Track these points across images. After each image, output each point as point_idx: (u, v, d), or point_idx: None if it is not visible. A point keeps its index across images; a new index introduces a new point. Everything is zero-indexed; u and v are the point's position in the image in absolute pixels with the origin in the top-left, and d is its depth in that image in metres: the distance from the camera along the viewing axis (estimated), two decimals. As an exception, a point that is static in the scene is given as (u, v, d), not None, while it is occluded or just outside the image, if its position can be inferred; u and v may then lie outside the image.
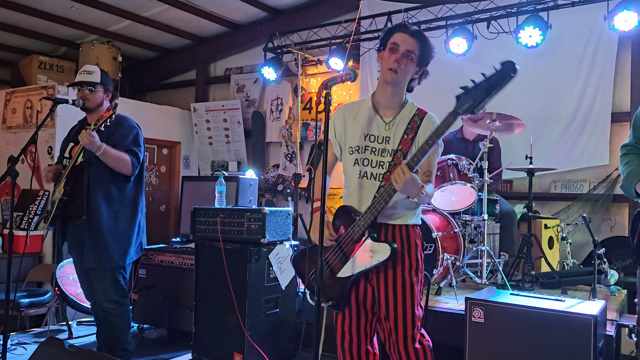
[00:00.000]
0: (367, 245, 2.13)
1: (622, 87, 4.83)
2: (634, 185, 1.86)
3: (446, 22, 5.02)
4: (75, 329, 4.38)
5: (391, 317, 2.18)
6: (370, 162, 2.25)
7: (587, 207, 4.87)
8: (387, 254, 2.09)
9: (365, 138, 2.27)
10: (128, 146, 3.14)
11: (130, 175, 3.16)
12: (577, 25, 4.86)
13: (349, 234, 2.19)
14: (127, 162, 3.10)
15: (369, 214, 2.13)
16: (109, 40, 6.84)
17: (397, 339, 2.18)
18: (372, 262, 2.13)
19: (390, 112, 2.28)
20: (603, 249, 3.57)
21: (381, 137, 2.25)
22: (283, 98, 6.71)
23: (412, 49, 2.19)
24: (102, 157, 3.02)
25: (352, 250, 2.17)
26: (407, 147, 2.18)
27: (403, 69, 2.19)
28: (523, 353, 2.56)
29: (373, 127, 2.27)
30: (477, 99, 1.82)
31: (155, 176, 7.04)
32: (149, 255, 4.29)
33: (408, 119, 2.24)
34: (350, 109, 2.37)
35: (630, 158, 1.94)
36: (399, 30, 2.23)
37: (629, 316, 3.31)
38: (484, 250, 3.77)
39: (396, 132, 2.24)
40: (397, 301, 2.17)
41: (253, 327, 3.33)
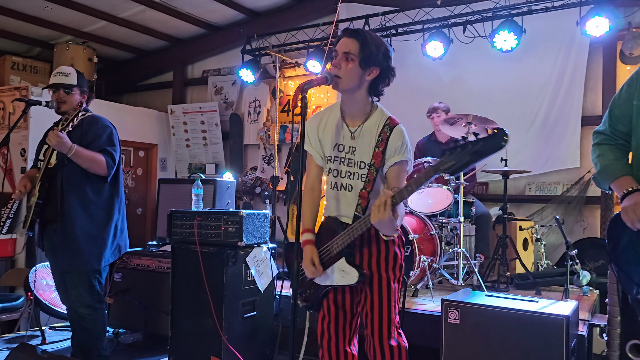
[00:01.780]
0: (341, 264, 2.13)
1: (593, 92, 4.94)
2: (609, 184, 1.88)
3: (423, 26, 5.07)
4: (49, 334, 4.29)
5: (369, 315, 2.19)
6: (340, 173, 2.21)
7: (560, 209, 4.97)
8: (355, 280, 2.09)
9: (334, 148, 2.22)
10: (102, 146, 3.08)
11: (106, 175, 3.10)
12: (551, 31, 4.97)
13: (329, 247, 2.18)
14: (101, 163, 3.03)
15: (346, 236, 2.10)
16: (84, 41, 6.74)
17: (373, 336, 2.19)
18: (341, 282, 2.14)
19: (356, 120, 2.19)
20: (576, 250, 3.64)
21: (348, 147, 2.19)
22: (261, 100, 6.70)
23: (349, 49, 2.07)
24: (74, 158, 2.96)
25: (329, 263, 2.17)
26: (379, 161, 2.12)
27: (344, 72, 2.08)
28: (498, 353, 2.59)
29: (341, 137, 2.21)
30: (460, 161, 1.74)
31: (132, 179, 6.95)
32: (125, 258, 4.23)
33: (377, 130, 2.15)
34: (320, 118, 2.29)
35: (604, 150, 1.93)
36: (341, 37, 2.14)
37: (601, 316, 3.37)
38: (460, 252, 3.82)
39: (363, 142, 2.16)
40: (373, 299, 2.18)
41: (230, 331, 3.30)
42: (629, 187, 1.77)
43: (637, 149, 1.81)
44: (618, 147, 1.91)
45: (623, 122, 1.87)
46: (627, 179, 1.81)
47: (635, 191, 1.74)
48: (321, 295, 2.23)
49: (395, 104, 5.55)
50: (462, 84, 5.41)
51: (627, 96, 1.85)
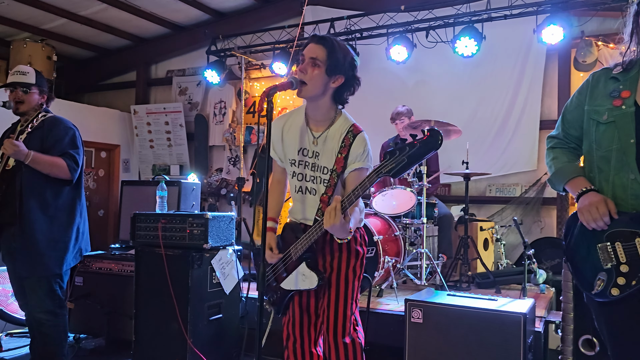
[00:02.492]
0: (302, 268, 2.17)
1: (550, 97, 5.13)
2: (563, 185, 1.97)
3: (387, 30, 5.16)
4: (5, 341, 4.16)
5: (325, 311, 2.23)
6: (304, 177, 2.24)
7: (519, 209, 5.13)
8: (315, 284, 2.14)
9: (299, 152, 2.25)
10: (64, 149, 3.01)
11: (70, 179, 3.03)
12: (509, 37, 5.13)
13: (290, 252, 2.21)
14: (62, 167, 2.97)
15: (304, 241, 2.14)
16: (42, 38, 6.55)
17: (328, 332, 2.22)
18: (302, 286, 2.18)
19: (320, 126, 2.22)
20: (533, 250, 3.77)
21: (311, 152, 2.22)
22: (226, 101, 6.67)
23: (316, 55, 2.09)
24: (31, 164, 2.90)
25: (292, 268, 2.21)
26: (340, 167, 2.14)
27: (310, 78, 2.09)
28: (459, 350, 2.67)
29: (305, 141, 2.23)
30: (400, 163, 1.86)
31: (93, 180, 6.81)
32: (86, 262, 4.14)
33: (340, 136, 2.17)
34: (285, 120, 2.31)
35: (557, 153, 2.02)
36: (308, 42, 2.15)
37: (556, 313, 3.50)
38: (423, 253, 3.90)
39: (325, 149, 2.19)
40: (330, 296, 2.21)
41: (195, 334, 3.28)
42: (582, 187, 1.85)
43: (588, 152, 1.91)
44: (570, 151, 2.01)
45: (575, 126, 1.96)
46: (580, 179, 1.90)
47: (589, 191, 1.83)
48: (287, 299, 2.26)
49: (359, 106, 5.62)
50: (425, 87, 5.53)
51: (577, 102, 1.95)
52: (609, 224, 1.75)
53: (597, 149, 1.85)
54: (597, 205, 1.76)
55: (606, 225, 1.76)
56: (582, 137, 1.95)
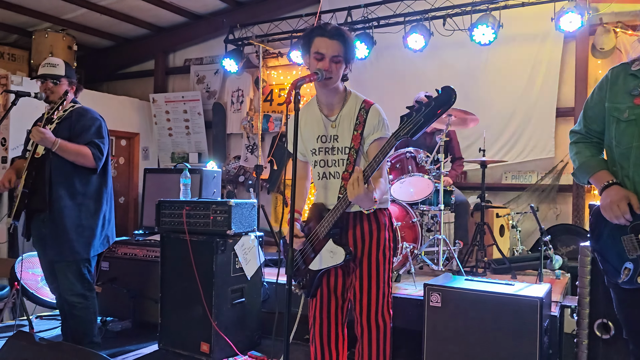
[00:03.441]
0: (329, 246, 2.24)
1: (567, 84, 5.12)
2: (587, 179, 2.04)
3: (404, 19, 5.17)
4: (36, 323, 4.32)
5: (357, 294, 2.32)
6: (327, 163, 2.34)
7: (535, 196, 5.17)
8: (342, 258, 2.21)
9: (317, 140, 2.35)
10: (90, 138, 3.11)
11: (95, 167, 3.14)
12: (527, 25, 5.12)
13: (317, 231, 2.29)
14: (87, 156, 3.07)
15: (330, 217, 2.22)
16: (63, 28, 6.66)
17: (361, 313, 2.31)
18: (330, 263, 2.25)
19: (334, 110, 2.32)
20: (549, 236, 3.82)
21: (330, 137, 2.32)
22: (244, 90, 6.74)
23: (338, 53, 2.19)
24: (58, 152, 2.99)
25: (319, 247, 2.29)
26: (357, 143, 2.24)
27: (335, 74, 2.21)
28: (477, 333, 2.74)
29: (322, 128, 2.34)
30: (417, 123, 1.94)
31: (114, 168, 6.95)
32: (112, 248, 4.27)
33: (354, 114, 2.28)
34: (301, 116, 2.39)
35: (581, 148, 2.09)
36: (319, 35, 2.21)
37: (572, 297, 3.56)
38: (440, 239, 3.96)
39: (343, 129, 2.29)
40: (363, 278, 2.30)
41: (220, 317, 3.40)
42: (606, 180, 1.93)
43: (609, 147, 1.97)
44: (594, 145, 2.07)
45: (597, 122, 2.02)
46: (603, 173, 1.96)
47: (612, 185, 1.90)
48: (316, 281, 2.34)
49: (377, 95, 5.68)
50: (442, 75, 5.53)
51: (598, 99, 2.00)
52: (633, 217, 1.84)
53: (617, 146, 1.91)
54: (619, 203, 1.84)
55: (628, 222, 1.84)
56: (604, 131, 2.01)
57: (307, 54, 2.25)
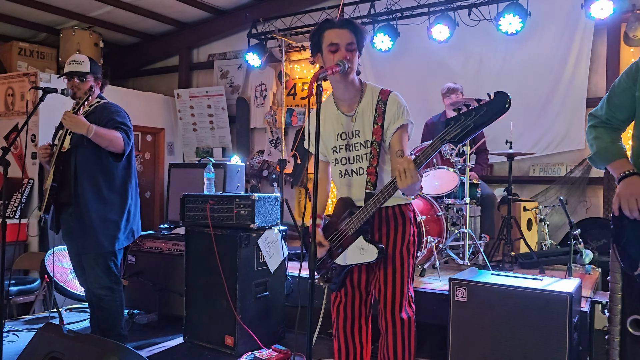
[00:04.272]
0: (359, 243, 2.21)
1: (597, 73, 4.98)
2: (605, 165, 1.98)
3: (428, 9, 5.09)
4: (65, 315, 4.42)
5: (382, 289, 2.29)
6: (348, 160, 2.32)
7: (564, 189, 5.04)
8: (374, 256, 2.18)
9: (338, 137, 2.32)
10: (116, 124, 3.15)
11: (123, 153, 3.16)
12: (556, 13, 4.99)
13: (346, 228, 2.27)
14: (119, 139, 3.10)
15: (362, 214, 2.20)
16: (90, 25, 6.77)
17: (385, 308, 2.29)
18: (361, 259, 2.23)
19: (352, 104, 2.29)
20: (579, 230, 3.73)
21: (351, 133, 2.29)
22: (267, 84, 6.74)
23: (350, 40, 2.17)
24: (93, 138, 3.02)
25: (347, 244, 2.26)
26: (379, 136, 2.21)
27: (352, 62, 2.18)
28: (503, 329, 2.69)
29: (341, 125, 2.31)
30: (465, 128, 1.83)
31: (140, 163, 7.04)
32: (138, 242, 4.33)
33: (373, 106, 2.24)
34: (329, 111, 2.37)
35: (600, 133, 2.02)
36: (328, 28, 2.20)
37: (603, 293, 3.47)
38: (465, 233, 3.91)
39: (364, 122, 2.26)
40: (387, 272, 2.28)
41: (243, 310, 3.42)
42: (624, 170, 1.86)
43: (637, 137, 1.89)
44: (614, 130, 2.00)
45: (621, 110, 1.95)
46: (622, 161, 1.90)
47: (631, 175, 1.83)
48: (343, 276, 2.33)
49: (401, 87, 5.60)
50: (468, 66, 5.45)
51: (625, 86, 1.93)
52: None
53: None
54: (637, 197, 1.77)
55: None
56: (629, 120, 1.94)
57: (320, 51, 2.23)
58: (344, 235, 2.28)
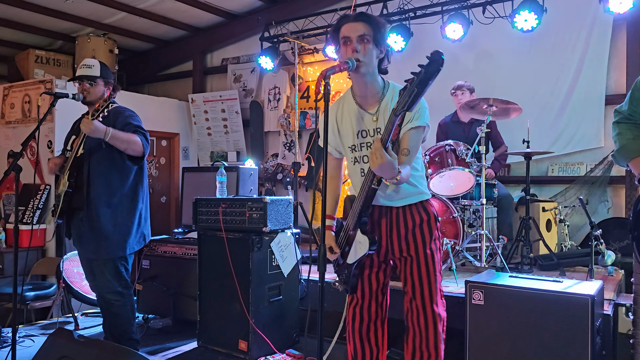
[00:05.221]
0: (358, 236, 2.21)
1: (617, 69, 4.85)
2: (626, 162, 1.92)
3: (442, 8, 5.02)
4: (81, 320, 4.44)
5: (415, 284, 2.28)
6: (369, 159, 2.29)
7: (584, 189, 4.92)
8: (367, 247, 2.16)
9: (357, 135, 2.28)
10: (133, 128, 3.14)
11: (142, 155, 3.16)
12: (572, 9, 4.88)
13: (348, 225, 2.26)
14: (137, 142, 3.09)
15: (357, 204, 2.18)
16: (104, 32, 6.83)
17: (423, 302, 2.27)
18: (360, 253, 2.21)
19: (373, 102, 2.25)
20: (600, 231, 3.62)
21: (372, 130, 2.25)
22: (280, 87, 6.73)
23: (363, 32, 2.14)
24: (111, 141, 3.01)
25: (352, 239, 2.26)
26: (396, 134, 2.16)
27: (364, 54, 2.14)
28: (522, 333, 2.61)
29: (362, 123, 2.26)
30: (412, 94, 1.84)
31: (155, 168, 7.07)
32: (152, 246, 4.33)
33: (393, 105, 2.21)
34: (335, 111, 2.35)
35: (623, 129, 1.97)
36: (343, 23, 2.19)
37: (627, 295, 3.37)
38: (482, 234, 3.82)
39: (385, 121, 2.18)
40: (420, 270, 2.27)
41: (257, 315, 3.38)
42: None
43: None
44: (637, 126, 1.93)
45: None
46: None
47: None
48: (357, 275, 2.32)
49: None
50: (482, 65, 5.36)
51: None
52: None
53: None
54: None
55: None
56: None
57: (338, 45, 2.21)
58: (347, 232, 2.27)
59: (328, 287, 3.64)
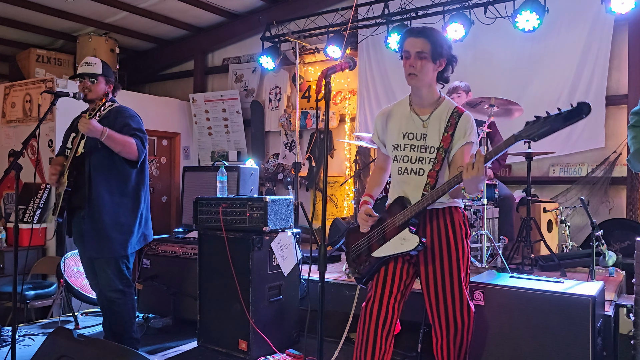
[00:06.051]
0: (403, 234, 2.27)
1: (618, 70, 4.85)
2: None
3: (443, 8, 5.02)
4: (81, 319, 4.43)
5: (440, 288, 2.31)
6: (410, 159, 2.38)
7: (585, 190, 4.91)
8: (414, 245, 2.23)
9: (403, 136, 2.39)
10: (131, 131, 3.13)
11: (137, 160, 3.14)
12: (574, 9, 4.88)
13: (394, 220, 2.32)
14: (132, 145, 3.08)
15: (415, 206, 2.26)
16: (106, 32, 6.83)
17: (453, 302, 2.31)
18: (400, 249, 2.27)
19: (426, 109, 2.38)
20: (601, 231, 3.61)
21: (419, 135, 2.36)
22: (281, 87, 6.72)
23: (421, 48, 2.27)
24: (107, 142, 3.01)
25: (391, 235, 2.32)
26: (447, 144, 2.29)
27: (420, 70, 2.27)
28: (523, 334, 2.61)
29: (410, 125, 2.38)
30: (542, 128, 1.89)
31: (156, 167, 7.07)
32: (152, 245, 4.32)
33: (446, 116, 2.32)
34: (389, 111, 2.49)
35: (637, 132, 1.96)
36: (407, 37, 2.32)
37: (627, 296, 3.36)
38: (483, 235, 3.81)
39: (433, 128, 2.33)
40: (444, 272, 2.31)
41: (257, 314, 3.37)
42: None
43: None
44: None
45: None
46: None
47: None
48: (375, 269, 2.36)
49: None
50: (484, 65, 5.35)
51: None
52: None
53: None
54: None
55: None
56: None
57: (401, 57, 2.35)
58: (391, 226, 2.33)
59: (328, 287, 3.64)
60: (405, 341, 3.30)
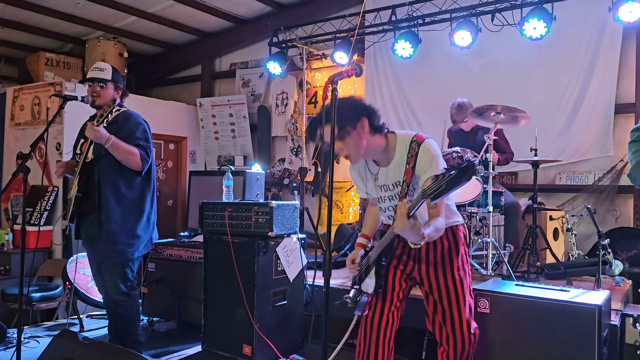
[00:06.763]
0: (371, 273, 2.30)
1: (627, 79, 4.84)
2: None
3: (450, 15, 5.02)
4: (87, 322, 4.44)
5: (446, 310, 2.31)
6: (382, 199, 2.39)
7: (592, 198, 4.89)
8: (372, 289, 2.28)
9: (380, 189, 2.37)
10: (136, 141, 3.16)
11: (141, 169, 3.17)
12: (582, 17, 4.87)
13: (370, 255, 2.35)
14: (136, 156, 3.11)
15: (377, 247, 2.27)
16: (114, 36, 6.88)
17: (453, 325, 2.31)
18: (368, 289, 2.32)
19: (387, 160, 2.32)
20: (608, 240, 3.59)
21: (391, 184, 2.32)
22: (288, 92, 6.74)
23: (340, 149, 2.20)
24: (111, 149, 3.05)
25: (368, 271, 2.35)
26: (409, 176, 2.21)
27: (354, 156, 2.24)
28: (528, 342, 2.59)
29: (382, 178, 2.34)
30: (439, 188, 1.80)
31: (163, 171, 7.10)
32: (158, 249, 4.34)
33: (406, 151, 2.23)
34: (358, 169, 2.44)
35: (638, 147, 1.94)
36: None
37: (634, 306, 3.33)
38: (489, 242, 3.80)
39: (399, 170, 2.27)
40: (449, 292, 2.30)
41: (261, 319, 3.37)
42: None
43: None
44: None
45: None
46: None
47: None
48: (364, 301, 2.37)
49: (423, 94, 5.54)
50: (491, 73, 5.35)
51: None
52: None
53: None
54: None
55: None
56: None
57: None
58: (369, 262, 2.35)
59: (333, 293, 3.64)
60: (410, 348, 3.29)
